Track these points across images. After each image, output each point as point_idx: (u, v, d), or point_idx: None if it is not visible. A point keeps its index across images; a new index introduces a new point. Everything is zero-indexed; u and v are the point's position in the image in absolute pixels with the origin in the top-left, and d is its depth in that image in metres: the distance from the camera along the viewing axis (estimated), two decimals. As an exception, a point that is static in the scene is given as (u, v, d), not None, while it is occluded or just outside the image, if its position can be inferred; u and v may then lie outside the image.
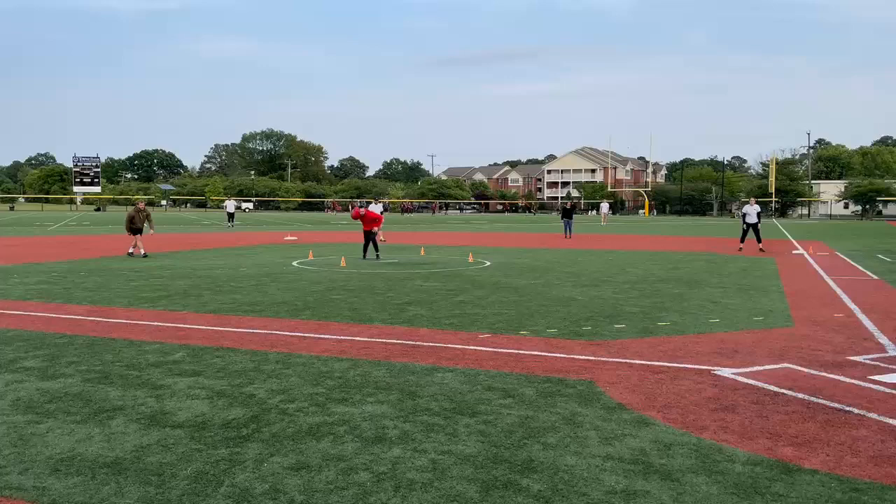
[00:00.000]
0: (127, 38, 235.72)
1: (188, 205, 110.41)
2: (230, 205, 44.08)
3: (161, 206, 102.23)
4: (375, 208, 22.26)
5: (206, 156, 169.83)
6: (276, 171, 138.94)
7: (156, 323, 8.83)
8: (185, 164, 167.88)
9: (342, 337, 7.93)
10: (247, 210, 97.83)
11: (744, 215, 22.88)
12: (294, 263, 17.26)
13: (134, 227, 18.73)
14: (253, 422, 4.90)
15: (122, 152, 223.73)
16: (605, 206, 56.51)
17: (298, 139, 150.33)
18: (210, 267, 16.21)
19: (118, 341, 7.64)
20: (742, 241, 22.69)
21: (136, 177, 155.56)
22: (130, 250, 18.77)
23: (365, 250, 18.62)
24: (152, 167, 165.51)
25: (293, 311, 9.71)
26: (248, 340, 7.72)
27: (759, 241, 22.13)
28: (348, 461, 4.17)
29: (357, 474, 3.97)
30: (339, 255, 19.14)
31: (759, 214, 22.40)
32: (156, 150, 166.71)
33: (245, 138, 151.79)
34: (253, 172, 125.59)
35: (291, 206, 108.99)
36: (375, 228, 18.67)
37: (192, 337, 7.91)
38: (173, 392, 5.65)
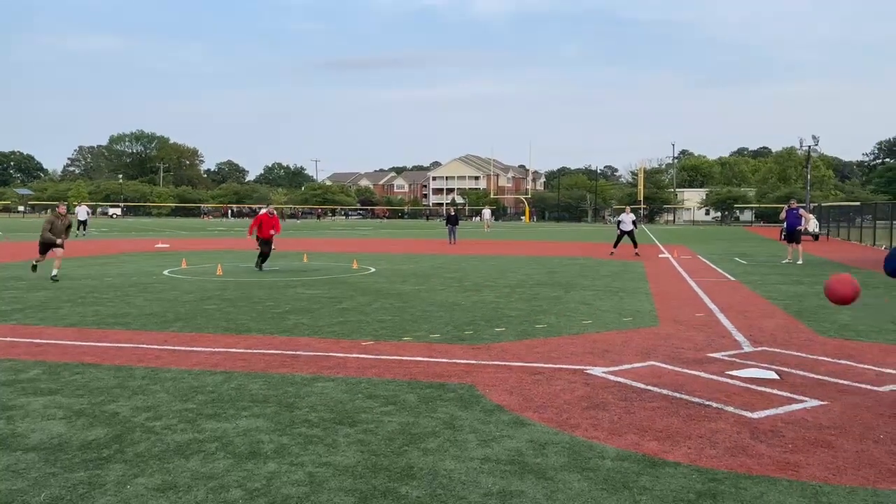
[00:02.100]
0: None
1: (48, 211, 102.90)
2: (81, 211, 39.89)
3: (18, 212, 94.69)
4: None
5: (69, 158, 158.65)
6: (147, 174, 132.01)
7: (8, 338, 8.13)
8: (45, 167, 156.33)
9: (216, 349, 7.61)
10: (114, 216, 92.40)
11: (619, 223, 24.00)
12: (165, 272, 16.44)
13: (50, 241, 14.46)
14: (115, 442, 4.59)
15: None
16: (487, 213, 58.10)
17: (172, 141, 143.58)
18: (71, 277, 15.14)
19: (-38, 360, 6.96)
20: (615, 246, 23.78)
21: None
22: (54, 272, 14.28)
23: (265, 259, 17.09)
24: (8, 170, 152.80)
25: (162, 323, 9.23)
26: (111, 355, 7.25)
27: (635, 246, 23.27)
28: (219, 479, 3.98)
29: (228, 492, 3.80)
30: (215, 263, 18.42)
31: (634, 222, 23.58)
32: (12, 152, 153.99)
33: (112, 140, 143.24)
34: (121, 176, 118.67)
35: (164, 211, 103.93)
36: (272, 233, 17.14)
37: (49, 353, 7.33)
38: (26, 413, 5.21)
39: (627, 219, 23.48)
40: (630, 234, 23.32)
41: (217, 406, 5.42)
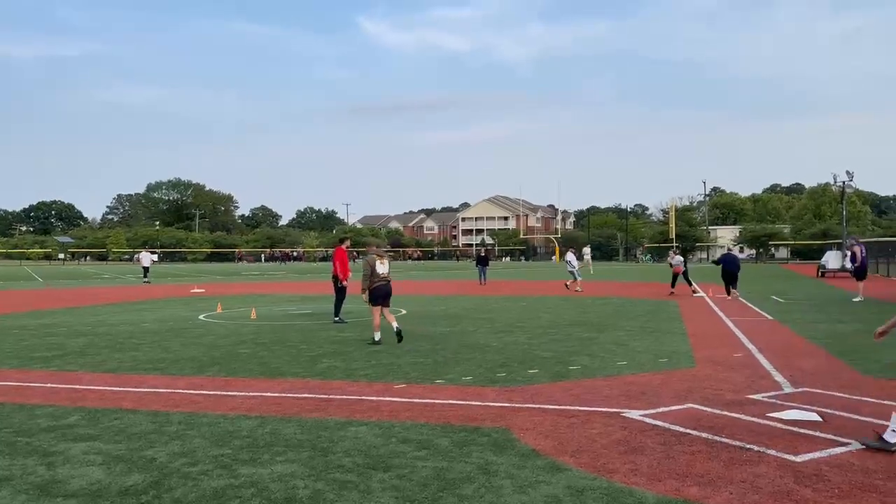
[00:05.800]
0: (23, 86, 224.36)
1: (87, 258, 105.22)
2: (146, 257, 37.96)
3: (59, 259, 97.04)
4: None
5: (108, 206, 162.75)
6: (183, 221, 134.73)
7: (48, 384, 8.28)
8: (85, 215, 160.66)
9: (251, 393, 7.66)
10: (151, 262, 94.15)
11: (670, 264, 25.20)
12: (201, 317, 16.65)
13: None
14: (153, 487, 4.63)
15: (16, 204, 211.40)
16: (587, 251, 53.07)
17: (207, 188, 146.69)
18: (109, 323, 15.42)
19: (6, 406, 7.10)
20: (673, 286, 24.29)
21: (31, 229, 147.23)
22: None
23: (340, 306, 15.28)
24: (49, 219, 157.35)
25: (198, 368, 9.33)
26: (148, 400, 7.34)
27: (690, 284, 24.06)
28: (256, 525, 3.98)
29: (265, 539, 3.80)
30: (249, 307, 18.62)
31: (683, 262, 24.84)
32: (54, 202, 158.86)
33: (150, 188, 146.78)
34: (158, 223, 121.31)
35: (199, 257, 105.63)
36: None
37: (88, 398, 7.45)
38: (66, 458, 5.28)
39: (676, 260, 24.75)
40: (684, 274, 24.24)
41: (252, 451, 5.44)
